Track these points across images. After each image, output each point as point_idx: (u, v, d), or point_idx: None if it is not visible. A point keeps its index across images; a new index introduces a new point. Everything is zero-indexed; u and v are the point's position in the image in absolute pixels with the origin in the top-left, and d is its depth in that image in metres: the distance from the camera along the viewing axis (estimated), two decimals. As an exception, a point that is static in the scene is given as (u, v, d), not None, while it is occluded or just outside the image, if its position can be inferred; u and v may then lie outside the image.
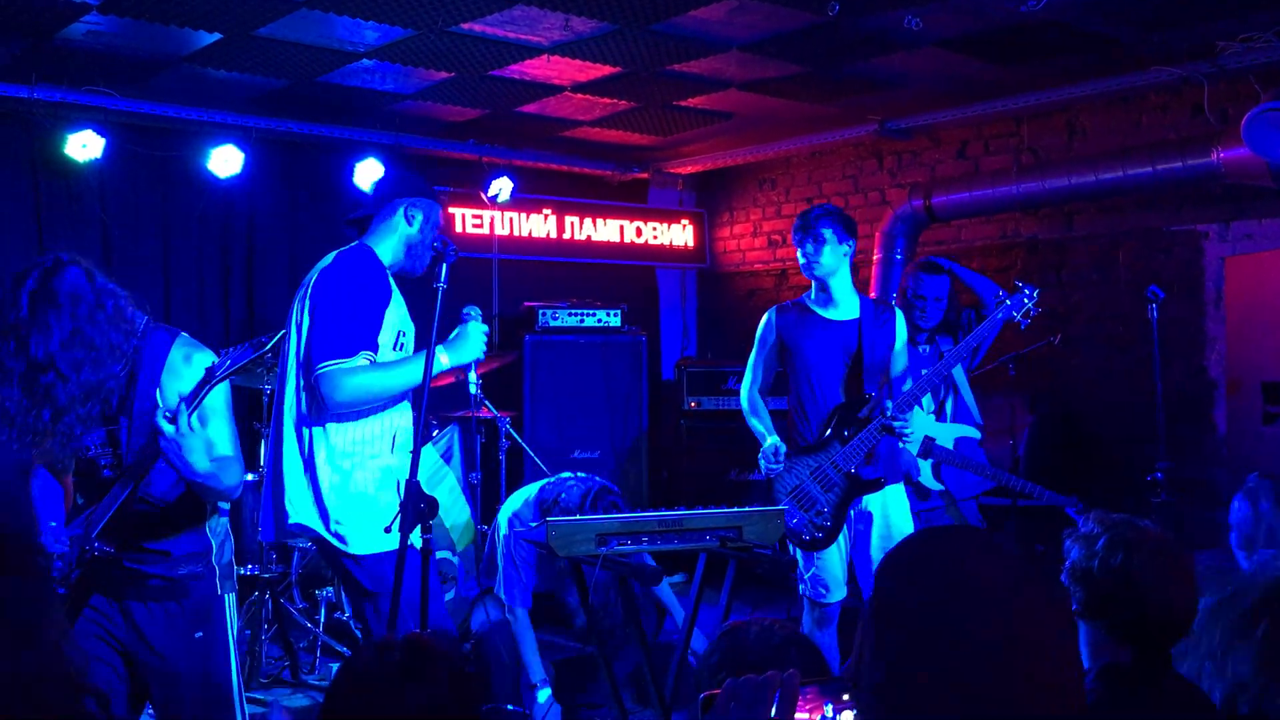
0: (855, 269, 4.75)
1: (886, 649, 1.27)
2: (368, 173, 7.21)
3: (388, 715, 1.71)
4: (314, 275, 3.63)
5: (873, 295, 7.38)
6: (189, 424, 2.69)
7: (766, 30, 5.47)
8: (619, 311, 7.75)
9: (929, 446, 5.19)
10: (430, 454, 5.98)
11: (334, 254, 3.61)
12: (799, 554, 4.47)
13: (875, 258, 7.43)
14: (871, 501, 4.51)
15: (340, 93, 6.49)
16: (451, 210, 7.90)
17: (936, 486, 5.32)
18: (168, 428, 2.68)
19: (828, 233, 4.49)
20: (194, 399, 2.73)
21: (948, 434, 5.36)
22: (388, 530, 3.04)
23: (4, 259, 6.42)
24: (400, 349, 3.55)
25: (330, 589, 5.60)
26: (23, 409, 2.73)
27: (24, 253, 6.49)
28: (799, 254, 4.60)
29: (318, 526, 3.45)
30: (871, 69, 6.14)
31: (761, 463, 4.50)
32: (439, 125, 7.34)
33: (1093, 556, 2.31)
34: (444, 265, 3.10)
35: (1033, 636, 1.24)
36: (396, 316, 3.53)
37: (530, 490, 5.00)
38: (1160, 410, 4.99)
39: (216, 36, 5.45)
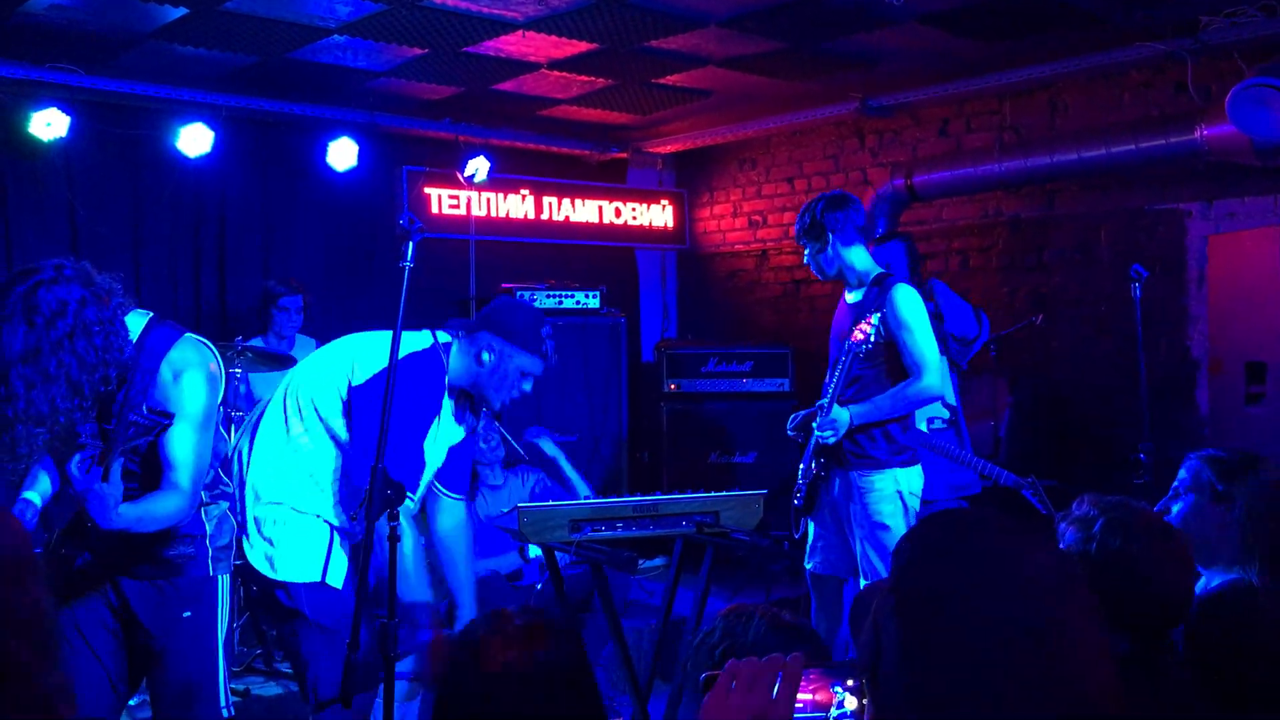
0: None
1: (916, 645, 1.19)
2: (341, 153, 7.09)
3: (516, 675, 1.76)
4: (363, 348, 3.45)
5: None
6: (100, 483, 2.59)
7: (745, 5, 5.38)
8: (598, 293, 7.66)
9: None
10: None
11: (411, 247, 3.13)
12: None
13: (856, 238, 7.36)
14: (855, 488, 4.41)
15: (312, 70, 6.35)
16: (428, 190, 7.78)
17: None
18: (76, 475, 2.58)
19: (813, 245, 4.44)
20: (109, 458, 2.62)
21: (919, 415, 5.26)
22: (353, 517, 2.96)
23: (-32, 241, 6.30)
24: None
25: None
26: None
27: (-11, 234, 6.36)
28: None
29: None
30: (852, 45, 6.05)
31: None
32: (414, 103, 7.22)
33: (1090, 540, 2.23)
34: (409, 244, 3.00)
35: (1067, 613, 1.19)
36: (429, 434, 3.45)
37: None
38: (1143, 390, 4.93)
39: (183, 11, 5.32)
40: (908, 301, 4.33)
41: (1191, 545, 2.28)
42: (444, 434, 3.50)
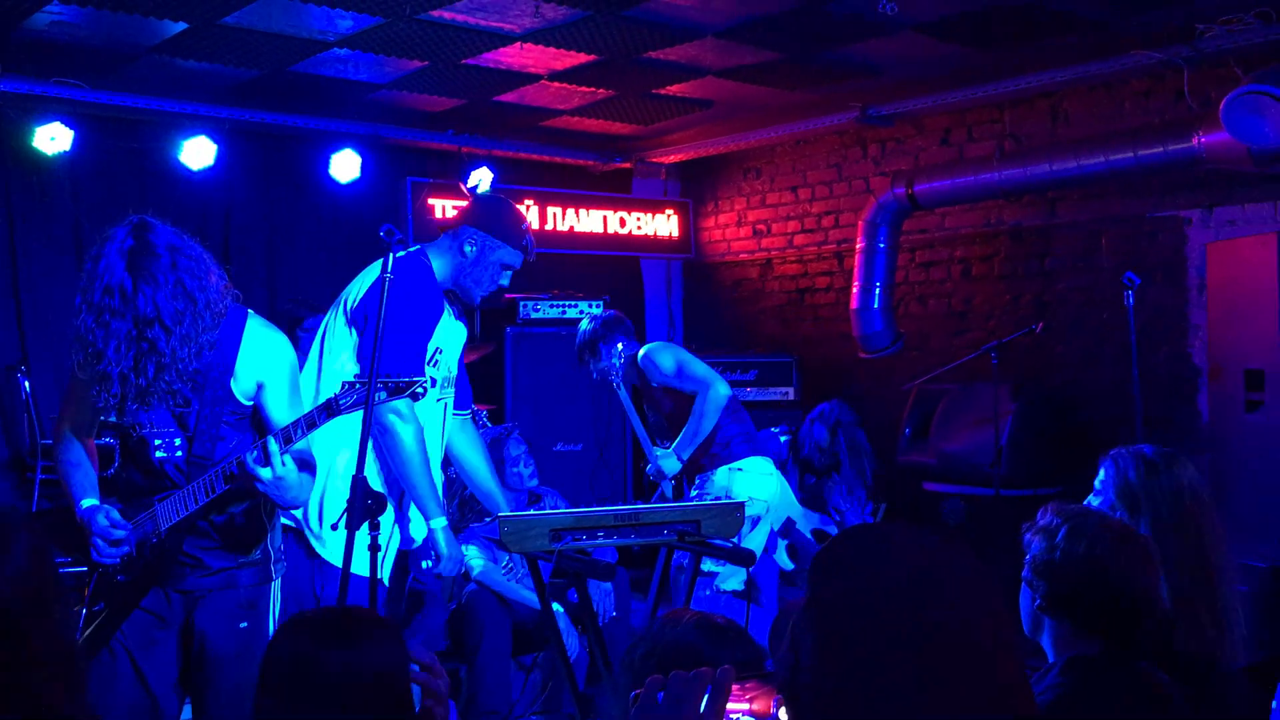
0: (840, 257, 4.79)
1: (831, 654, 1.19)
2: (345, 164, 7.14)
3: (317, 673, 1.78)
4: (364, 281, 3.52)
5: (856, 284, 7.33)
6: (281, 463, 2.62)
7: (741, 15, 5.40)
8: (601, 303, 7.68)
9: (789, 527, 5.28)
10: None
11: (390, 259, 3.19)
12: None
13: (859, 246, 7.36)
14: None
15: (314, 82, 6.40)
16: (431, 201, 7.82)
17: (789, 566, 5.39)
18: (264, 473, 2.60)
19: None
20: (292, 436, 2.65)
21: (808, 521, 5.51)
22: (335, 528, 2.98)
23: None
24: (434, 365, 3.47)
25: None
26: (127, 368, 2.71)
27: (-5, 247, 6.42)
28: None
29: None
30: (850, 55, 6.06)
31: None
32: (417, 115, 7.27)
33: (1054, 549, 2.25)
34: (389, 255, 3.01)
35: (977, 614, 1.18)
36: (439, 332, 3.49)
37: None
38: (1137, 397, 4.94)
39: (183, 25, 5.37)
40: (654, 355, 5.17)
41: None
42: (452, 333, 3.60)
